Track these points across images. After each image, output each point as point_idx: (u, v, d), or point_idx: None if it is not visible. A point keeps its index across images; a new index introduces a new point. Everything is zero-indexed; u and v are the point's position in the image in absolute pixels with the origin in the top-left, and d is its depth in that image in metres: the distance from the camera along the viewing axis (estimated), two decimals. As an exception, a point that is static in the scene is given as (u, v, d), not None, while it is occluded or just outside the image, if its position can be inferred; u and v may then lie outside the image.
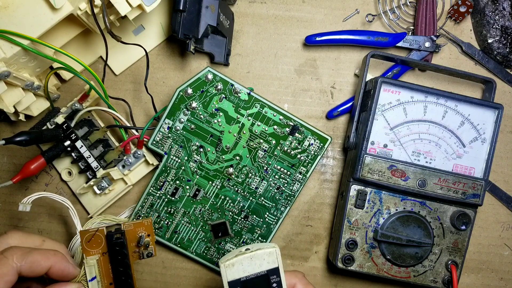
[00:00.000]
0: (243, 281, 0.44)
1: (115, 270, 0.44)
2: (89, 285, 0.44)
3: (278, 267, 0.44)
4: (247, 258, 0.43)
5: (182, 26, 0.49)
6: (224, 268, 0.43)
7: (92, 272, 0.44)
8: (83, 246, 0.44)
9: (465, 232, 0.53)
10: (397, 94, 0.52)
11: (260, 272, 0.44)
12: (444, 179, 0.52)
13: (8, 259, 0.39)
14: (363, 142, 0.52)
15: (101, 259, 0.44)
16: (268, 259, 0.44)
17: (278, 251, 0.44)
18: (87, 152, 0.52)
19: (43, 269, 0.41)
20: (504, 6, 0.56)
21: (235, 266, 0.43)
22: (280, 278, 0.44)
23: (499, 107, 0.52)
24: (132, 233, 0.46)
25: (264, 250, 0.44)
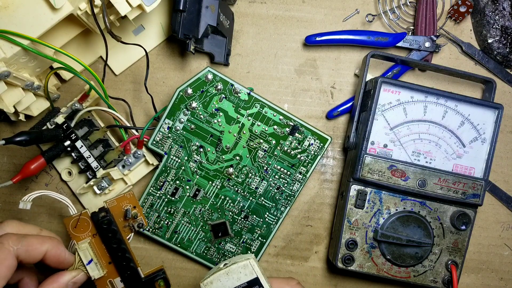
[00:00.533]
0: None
1: (109, 248, 0.44)
2: (88, 269, 0.43)
3: (257, 277, 0.44)
4: (223, 274, 0.44)
5: (182, 26, 0.49)
6: (205, 287, 0.45)
7: (87, 256, 0.43)
8: (71, 232, 0.44)
9: (465, 232, 0.53)
10: (397, 94, 0.52)
11: (241, 285, 0.44)
12: (444, 179, 0.52)
13: (3, 244, 0.39)
14: (363, 142, 0.52)
15: (93, 241, 0.44)
16: (245, 271, 0.44)
17: (253, 262, 0.45)
18: (87, 152, 0.52)
19: (40, 253, 0.41)
20: (504, 6, 0.56)
21: (214, 283, 0.44)
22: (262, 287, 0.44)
23: (499, 107, 0.52)
24: (117, 209, 0.45)
25: (238, 264, 0.44)
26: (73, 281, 0.42)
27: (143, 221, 0.46)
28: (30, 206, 0.47)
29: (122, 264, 0.44)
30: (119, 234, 0.44)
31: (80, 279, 0.43)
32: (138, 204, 0.46)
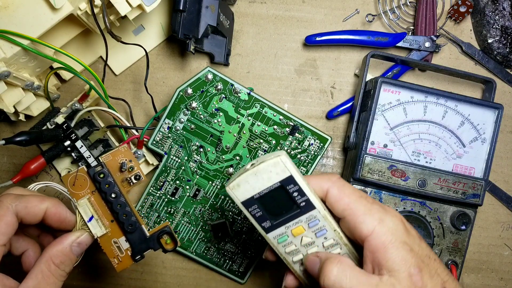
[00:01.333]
0: (257, 198, 0.39)
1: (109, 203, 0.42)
2: (89, 227, 0.42)
3: (291, 175, 0.38)
4: (251, 175, 0.38)
5: (182, 26, 0.49)
6: (231, 191, 0.39)
7: (87, 212, 0.42)
8: (70, 191, 0.42)
9: (465, 232, 0.53)
10: (397, 94, 0.52)
11: (273, 185, 0.39)
12: (444, 179, 0.52)
13: (2, 202, 0.39)
14: (363, 142, 0.52)
15: (92, 198, 0.43)
16: (276, 169, 0.38)
17: (285, 158, 0.38)
18: (87, 152, 0.52)
19: (40, 211, 0.40)
20: (504, 6, 0.56)
21: (241, 186, 0.39)
22: (299, 185, 0.39)
23: (499, 107, 0.52)
24: (113, 163, 0.43)
25: (267, 162, 0.38)
26: (78, 242, 0.41)
27: (140, 174, 0.44)
28: None
29: (123, 218, 0.42)
30: (116, 186, 0.42)
31: (84, 240, 0.41)
32: (133, 157, 0.44)
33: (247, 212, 0.40)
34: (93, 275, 0.57)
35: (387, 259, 0.36)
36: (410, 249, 0.37)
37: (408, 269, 0.36)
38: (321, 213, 0.40)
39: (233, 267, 0.55)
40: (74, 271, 0.57)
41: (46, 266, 0.39)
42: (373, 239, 0.37)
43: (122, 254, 0.43)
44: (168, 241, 0.44)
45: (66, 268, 0.40)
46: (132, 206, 0.43)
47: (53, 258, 0.39)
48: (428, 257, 0.38)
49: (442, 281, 0.37)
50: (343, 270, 0.37)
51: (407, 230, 0.38)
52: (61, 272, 0.40)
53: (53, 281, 0.39)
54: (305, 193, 0.39)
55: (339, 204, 0.39)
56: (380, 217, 0.38)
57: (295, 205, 0.40)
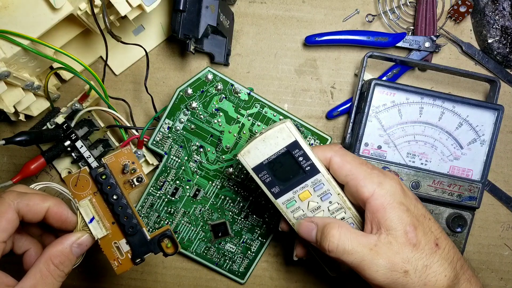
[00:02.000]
0: (266, 164, 0.43)
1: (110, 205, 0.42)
2: (90, 228, 0.42)
3: (296, 140, 0.42)
4: (260, 141, 0.42)
5: (182, 26, 0.49)
6: (242, 157, 0.43)
7: (89, 213, 0.42)
8: (72, 191, 0.42)
9: (462, 234, 0.53)
10: (392, 95, 0.52)
11: (280, 151, 0.42)
12: (438, 181, 0.52)
13: (4, 199, 0.39)
14: (355, 144, 0.52)
15: (93, 199, 0.42)
16: (282, 135, 0.42)
17: (290, 124, 0.42)
18: (87, 152, 0.52)
19: (42, 209, 0.40)
20: (504, 6, 0.56)
21: (251, 152, 0.43)
22: (303, 150, 0.42)
23: (499, 108, 0.52)
24: (116, 165, 0.43)
25: (274, 129, 0.42)
26: (78, 243, 0.41)
27: (142, 176, 0.44)
28: None
29: (124, 220, 0.42)
30: (118, 188, 0.42)
31: (84, 241, 0.41)
32: (136, 159, 0.44)
33: (257, 178, 0.43)
34: (93, 275, 0.57)
35: (386, 218, 0.40)
36: (406, 209, 0.41)
37: (404, 227, 0.40)
38: (325, 176, 0.43)
39: (233, 267, 0.55)
40: (74, 271, 0.57)
41: (45, 265, 0.39)
42: (373, 201, 0.41)
43: (122, 257, 0.43)
44: (169, 244, 0.44)
45: (65, 268, 0.40)
46: (134, 208, 0.43)
47: (52, 258, 0.39)
48: (423, 216, 0.42)
49: (435, 238, 0.41)
50: (344, 233, 0.40)
51: (404, 192, 0.42)
52: (59, 272, 0.40)
53: (51, 281, 0.39)
54: (309, 157, 0.42)
55: (342, 170, 0.43)
56: (379, 181, 0.41)
57: (301, 170, 0.43)
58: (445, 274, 0.40)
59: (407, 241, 0.39)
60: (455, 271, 0.40)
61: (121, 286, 0.57)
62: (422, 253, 0.40)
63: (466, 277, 0.41)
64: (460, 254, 0.42)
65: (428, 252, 0.40)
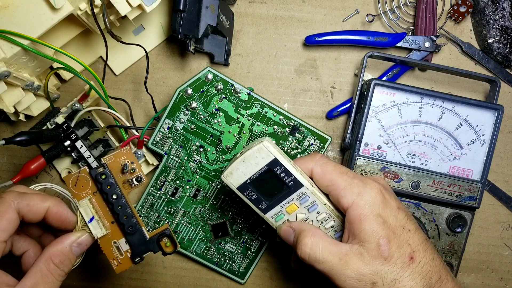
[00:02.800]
0: (250, 182, 0.43)
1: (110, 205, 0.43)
2: (90, 227, 0.42)
3: (275, 158, 0.42)
4: (240, 162, 0.43)
5: (182, 26, 0.49)
6: (226, 179, 0.43)
7: (88, 213, 0.42)
8: (72, 191, 0.43)
9: (461, 234, 0.53)
10: (392, 95, 0.52)
11: (261, 169, 0.43)
12: (438, 181, 0.52)
13: (5, 198, 0.39)
14: (355, 144, 0.52)
15: (93, 199, 0.43)
16: (261, 155, 0.42)
17: (267, 144, 0.42)
18: (87, 152, 0.52)
19: (42, 209, 0.41)
20: (504, 6, 0.56)
21: (233, 173, 0.43)
22: (284, 167, 0.42)
23: (499, 108, 0.52)
24: (115, 165, 0.44)
25: (252, 149, 0.42)
26: (78, 242, 0.41)
27: (142, 176, 0.44)
28: None
29: (124, 220, 0.42)
30: (117, 188, 0.43)
31: (84, 241, 0.42)
32: (135, 159, 0.44)
33: (243, 196, 0.44)
34: (93, 275, 0.57)
35: (360, 229, 0.40)
36: (382, 222, 0.40)
37: (377, 240, 0.40)
38: (309, 189, 0.43)
39: (233, 267, 0.55)
40: (74, 271, 0.57)
41: (45, 265, 0.39)
42: (352, 211, 0.41)
43: (122, 256, 0.43)
44: (168, 244, 0.44)
45: (65, 268, 0.40)
46: (133, 208, 0.43)
47: (52, 257, 0.39)
48: (402, 228, 0.41)
49: (412, 251, 0.40)
50: (316, 242, 0.41)
51: (384, 202, 0.41)
52: (60, 271, 0.40)
53: (52, 280, 0.39)
54: (291, 173, 0.43)
55: (323, 180, 0.43)
56: (359, 191, 0.41)
57: (284, 185, 0.43)
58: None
59: (378, 254, 0.39)
60: (429, 285, 0.40)
61: (121, 286, 0.57)
62: (393, 267, 0.39)
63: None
64: (441, 266, 0.41)
65: (400, 265, 0.39)
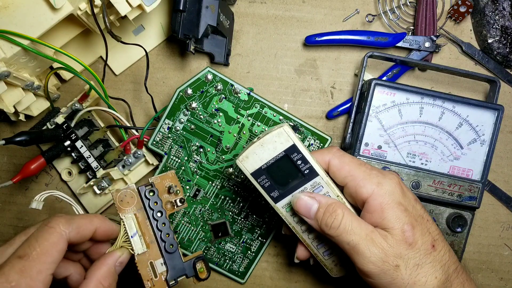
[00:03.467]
0: (265, 168, 0.43)
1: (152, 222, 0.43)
2: (132, 242, 0.42)
3: (294, 144, 0.42)
4: (258, 146, 0.42)
5: (182, 26, 0.49)
6: (241, 163, 0.43)
7: (132, 227, 0.42)
8: (118, 206, 0.43)
9: (462, 234, 0.53)
10: (392, 95, 0.52)
11: (279, 155, 0.42)
12: (439, 181, 0.52)
13: (55, 228, 0.38)
14: (356, 144, 0.52)
15: (137, 216, 0.43)
16: (280, 139, 0.42)
17: (287, 129, 0.42)
18: (87, 152, 0.52)
19: (90, 232, 0.40)
20: (504, 6, 0.56)
21: (250, 157, 0.43)
22: (301, 154, 0.42)
23: (499, 108, 0.52)
24: (161, 186, 0.44)
25: (272, 133, 0.42)
26: (120, 261, 0.41)
27: (184, 198, 0.45)
28: (42, 206, 0.45)
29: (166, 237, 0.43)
30: (162, 206, 0.44)
31: (125, 259, 0.41)
32: (178, 183, 0.45)
33: (256, 183, 0.43)
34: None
35: (383, 217, 0.40)
36: (404, 209, 0.41)
37: (401, 226, 0.40)
38: (324, 179, 0.43)
39: (233, 267, 0.55)
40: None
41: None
42: (372, 201, 0.41)
43: (156, 278, 0.43)
44: (201, 269, 0.44)
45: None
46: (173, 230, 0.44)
47: (102, 280, 0.39)
48: (421, 217, 0.42)
49: (433, 239, 0.41)
50: (348, 213, 0.41)
51: (403, 192, 0.42)
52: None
53: None
54: (308, 161, 0.42)
55: (341, 172, 0.43)
56: (378, 181, 0.42)
57: (299, 173, 0.43)
58: (435, 275, 0.40)
59: (403, 239, 0.40)
60: (447, 274, 0.40)
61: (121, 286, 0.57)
62: (417, 253, 0.40)
63: (460, 281, 0.41)
64: (456, 258, 0.42)
65: (423, 252, 0.40)
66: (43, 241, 0.37)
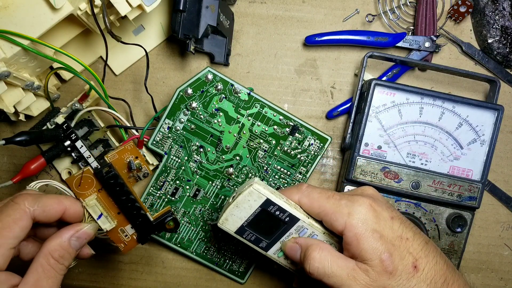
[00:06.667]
0: (246, 225, 0.44)
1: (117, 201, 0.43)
2: (99, 223, 0.43)
3: (268, 198, 0.42)
4: (234, 207, 0.43)
5: (182, 26, 0.49)
6: (222, 225, 0.44)
7: (97, 211, 0.43)
8: (75, 191, 0.42)
9: (462, 234, 0.53)
10: (392, 95, 0.52)
11: (256, 211, 0.43)
12: (438, 181, 0.52)
13: (19, 204, 0.38)
14: (355, 144, 0.52)
15: (99, 196, 0.43)
16: (253, 197, 0.43)
17: (257, 186, 0.42)
18: (87, 152, 0.52)
19: (57, 212, 0.40)
20: (504, 6, 0.56)
21: (229, 219, 0.44)
22: (277, 205, 0.43)
23: (499, 108, 0.52)
24: (120, 162, 0.44)
25: (243, 194, 0.42)
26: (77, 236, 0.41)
27: (148, 171, 0.44)
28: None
29: (133, 214, 0.43)
30: (126, 186, 0.43)
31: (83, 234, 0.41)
32: (140, 154, 0.44)
33: (242, 239, 0.44)
34: (93, 275, 0.57)
35: (360, 249, 0.40)
36: (380, 236, 0.40)
37: (379, 256, 0.40)
38: (306, 222, 0.44)
39: (233, 267, 0.55)
40: (74, 271, 0.57)
41: (45, 260, 0.39)
42: (347, 233, 0.41)
43: (128, 239, 0.45)
44: (171, 223, 0.45)
45: (65, 261, 0.40)
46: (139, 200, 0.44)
47: (52, 252, 0.39)
48: (399, 238, 0.41)
49: (414, 259, 0.40)
50: (325, 256, 0.41)
51: (376, 216, 0.41)
52: (60, 266, 0.39)
53: (54, 274, 0.39)
54: (285, 210, 0.43)
55: (313, 209, 0.43)
56: (348, 211, 0.41)
57: (281, 222, 0.43)
58: None
59: (383, 269, 0.39)
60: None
61: (121, 286, 0.57)
62: (399, 280, 0.39)
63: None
64: (445, 268, 0.41)
65: (405, 277, 0.40)
66: (5, 216, 0.37)
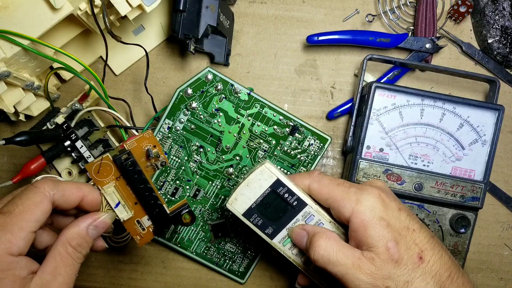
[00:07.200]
0: (255, 207, 0.44)
1: (135, 189, 0.43)
2: (117, 212, 0.43)
3: (278, 178, 0.43)
4: (244, 186, 0.43)
5: (182, 26, 0.49)
6: (231, 206, 0.44)
7: (114, 199, 0.43)
8: (94, 178, 0.43)
9: (465, 235, 0.53)
10: (393, 98, 0.52)
11: (265, 191, 0.43)
12: (441, 182, 0.52)
13: (39, 188, 0.38)
14: (357, 147, 0.52)
15: (117, 184, 0.43)
16: (264, 176, 0.43)
17: (269, 165, 0.43)
18: (87, 152, 0.52)
19: (76, 198, 0.40)
20: (504, 6, 0.56)
21: (238, 199, 0.44)
22: (287, 186, 0.43)
23: (500, 108, 0.52)
24: (138, 150, 0.44)
25: (255, 172, 0.43)
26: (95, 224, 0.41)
27: (165, 160, 0.44)
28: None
29: (150, 203, 0.43)
30: (143, 175, 0.43)
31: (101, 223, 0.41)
32: (158, 143, 0.44)
33: (249, 223, 0.44)
34: (93, 275, 0.57)
35: (366, 236, 0.40)
36: (387, 224, 0.40)
37: (385, 243, 0.40)
38: (313, 208, 0.44)
39: (233, 267, 0.55)
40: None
41: (63, 248, 0.39)
42: (354, 219, 0.41)
43: (144, 231, 0.44)
44: (187, 216, 0.44)
45: (83, 250, 0.40)
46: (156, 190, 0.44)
47: (69, 240, 0.39)
48: (406, 228, 0.41)
49: (420, 251, 0.40)
50: (331, 244, 0.41)
51: (384, 205, 0.41)
52: (78, 254, 0.39)
53: (71, 262, 0.39)
54: (294, 192, 0.43)
55: (321, 195, 0.43)
56: (357, 198, 0.41)
57: (289, 206, 0.44)
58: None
59: (389, 257, 0.39)
60: (440, 283, 0.40)
61: (121, 286, 0.57)
62: (404, 269, 0.39)
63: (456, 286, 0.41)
64: (450, 262, 0.41)
65: (410, 267, 0.40)
66: (26, 199, 0.37)
